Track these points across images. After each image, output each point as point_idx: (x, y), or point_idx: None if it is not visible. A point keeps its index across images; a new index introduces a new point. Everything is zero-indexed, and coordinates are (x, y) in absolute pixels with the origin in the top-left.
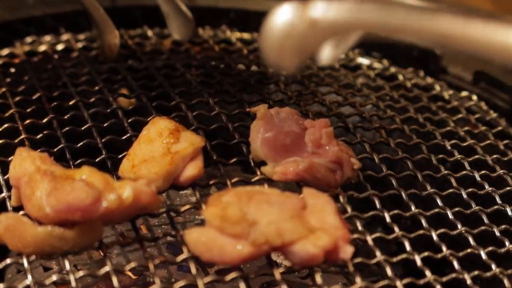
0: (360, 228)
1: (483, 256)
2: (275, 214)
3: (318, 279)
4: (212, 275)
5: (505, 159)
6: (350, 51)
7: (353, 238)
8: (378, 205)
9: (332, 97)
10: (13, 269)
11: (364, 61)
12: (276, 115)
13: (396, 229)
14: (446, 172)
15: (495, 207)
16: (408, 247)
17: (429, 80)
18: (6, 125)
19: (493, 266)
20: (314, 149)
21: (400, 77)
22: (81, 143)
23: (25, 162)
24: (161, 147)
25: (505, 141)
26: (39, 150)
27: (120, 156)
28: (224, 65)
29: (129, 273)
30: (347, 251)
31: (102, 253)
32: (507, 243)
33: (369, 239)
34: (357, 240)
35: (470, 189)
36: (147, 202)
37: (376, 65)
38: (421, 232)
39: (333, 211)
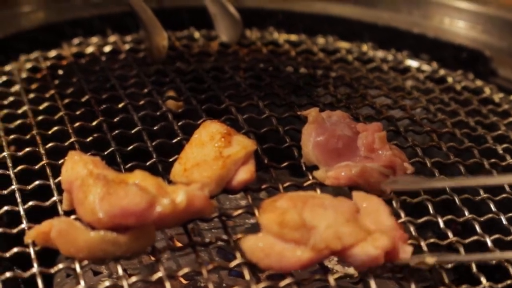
0: (413, 233)
1: None
2: (331, 218)
3: (372, 285)
4: (265, 281)
5: None
6: (399, 53)
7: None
8: (431, 210)
9: (382, 100)
10: (62, 273)
11: (413, 63)
12: (327, 119)
13: (450, 234)
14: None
15: None
16: (463, 253)
17: (479, 82)
18: (55, 128)
19: None
20: (367, 153)
21: (450, 79)
22: (131, 147)
23: (78, 166)
24: (213, 151)
25: None
26: (89, 153)
27: (171, 160)
28: (273, 67)
29: (181, 279)
30: (406, 251)
31: (154, 258)
32: None
33: (423, 244)
34: (410, 245)
35: None
36: (200, 207)
37: (425, 67)
38: (475, 237)
39: (387, 212)
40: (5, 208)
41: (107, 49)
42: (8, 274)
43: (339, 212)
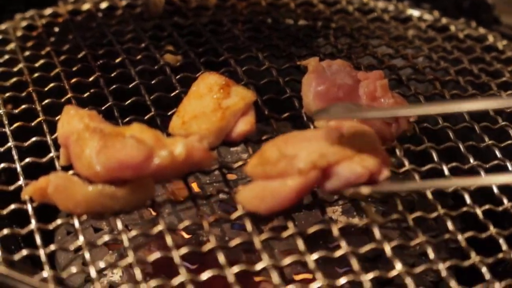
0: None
1: None
2: (314, 146)
3: (377, 234)
4: (268, 232)
5: None
6: (400, 3)
7: (412, 191)
8: (435, 158)
9: (383, 50)
10: (63, 230)
11: (414, 12)
12: (328, 68)
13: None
14: (503, 123)
15: None
16: (468, 200)
17: (482, 30)
18: (52, 84)
19: None
20: (369, 102)
21: (452, 28)
22: (129, 101)
23: (73, 120)
24: (211, 103)
25: None
26: (87, 108)
27: (169, 113)
28: (272, 20)
29: (182, 232)
30: (385, 174)
31: (154, 212)
32: None
33: (428, 193)
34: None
35: None
36: (199, 159)
37: (427, 16)
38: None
39: (373, 137)
40: (2, 165)
41: (103, 5)
42: (6, 231)
43: (322, 139)
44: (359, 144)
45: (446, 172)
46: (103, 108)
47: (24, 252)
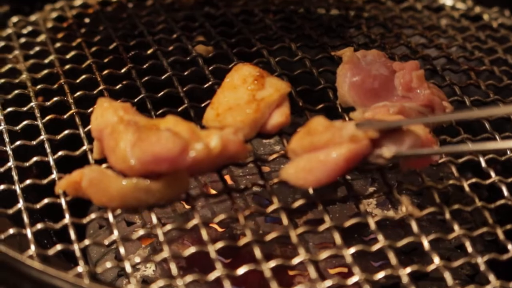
0: (455, 173)
1: None
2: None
3: (414, 227)
4: (303, 225)
5: None
6: None
7: (448, 184)
8: (488, 127)
9: (417, 39)
10: (95, 224)
11: (447, 1)
12: (363, 58)
13: (492, 174)
14: None
15: None
16: (505, 192)
17: None
18: (83, 76)
19: None
20: (404, 92)
21: (486, 17)
22: (162, 93)
23: (107, 113)
24: (246, 94)
25: None
26: (119, 100)
27: (203, 105)
28: (304, 9)
29: (216, 226)
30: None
31: (188, 206)
32: None
33: (465, 185)
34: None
35: None
36: (235, 151)
37: (460, 5)
38: None
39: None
40: (35, 159)
41: None
42: (39, 226)
43: None
44: None
45: (483, 164)
46: (135, 100)
47: (58, 247)
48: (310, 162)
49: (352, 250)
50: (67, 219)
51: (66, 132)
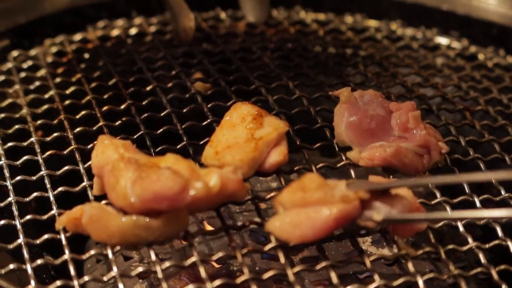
0: (450, 213)
1: None
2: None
3: (410, 266)
4: (300, 264)
5: None
6: (428, 31)
7: (442, 224)
8: (467, 190)
9: (412, 78)
10: (93, 259)
11: (442, 40)
12: (360, 98)
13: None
14: None
15: None
16: (500, 232)
17: (510, 59)
18: (83, 112)
19: None
20: (401, 133)
21: (481, 56)
22: (161, 130)
23: (108, 150)
24: (244, 133)
25: None
26: (118, 137)
27: (201, 143)
28: (301, 47)
29: (213, 262)
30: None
31: (187, 243)
32: None
33: (459, 224)
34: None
35: None
36: (234, 190)
37: (455, 44)
38: None
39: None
40: (35, 194)
41: (132, 31)
42: (39, 261)
43: None
44: None
45: (478, 204)
46: (135, 136)
47: (58, 283)
48: (299, 216)
49: None
50: (67, 255)
51: (66, 168)
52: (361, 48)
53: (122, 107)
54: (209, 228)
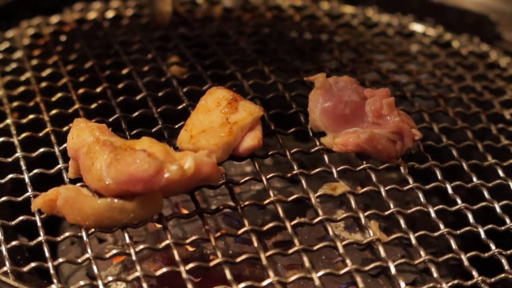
0: (422, 200)
1: None
2: None
3: (382, 251)
4: (273, 247)
5: None
6: (404, 18)
7: (415, 210)
8: (439, 176)
9: (387, 65)
10: (67, 241)
11: (418, 27)
12: (334, 84)
13: (458, 200)
14: (506, 142)
15: None
16: (471, 219)
17: (484, 47)
18: (59, 95)
19: None
20: (375, 119)
21: (455, 44)
22: (136, 113)
23: (84, 133)
24: (219, 117)
25: None
26: (94, 120)
27: (176, 126)
28: (277, 33)
29: (187, 246)
30: None
31: (161, 226)
32: None
33: (431, 211)
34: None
35: None
36: (208, 173)
37: (430, 31)
38: (483, 203)
39: None
40: (10, 176)
41: (109, 14)
42: (14, 243)
43: None
44: None
45: (450, 190)
46: (110, 120)
47: (33, 264)
48: None
49: (320, 273)
50: (41, 236)
51: (41, 150)
52: (337, 34)
53: (98, 90)
54: (183, 211)
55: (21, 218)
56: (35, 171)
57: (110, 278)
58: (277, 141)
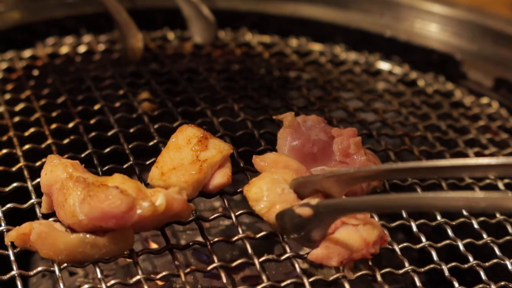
0: (388, 238)
1: (510, 266)
2: None
3: (347, 286)
4: (242, 284)
5: None
6: (371, 56)
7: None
8: (404, 214)
9: (354, 103)
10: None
11: (384, 65)
12: (303, 123)
13: (423, 238)
14: (470, 181)
15: None
16: (435, 256)
17: (449, 85)
18: (32, 130)
19: None
20: (342, 158)
21: (421, 82)
22: (108, 149)
23: (57, 169)
24: (190, 155)
25: None
26: (66, 155)
27: (147, 163)
28: (246, 69)
29: (157, 280)
30: None
31: (132, 260)
32: None
33: (396, 248)
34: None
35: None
36: (179, 210)
37: (397, 70)
38: (447, 241)
39: None
40: None
41: (81, 49)
42: None
43: None
44: None
45: (414, 228)
46: (82, 155)
47: None
48: None
49: None
50: (15, 271)
51: (14, 184)
52: (305, 71)
53: (70, 125)
54: (153, 246)
55: None
56: (8, 205)
57: None
58: (246, 178)
